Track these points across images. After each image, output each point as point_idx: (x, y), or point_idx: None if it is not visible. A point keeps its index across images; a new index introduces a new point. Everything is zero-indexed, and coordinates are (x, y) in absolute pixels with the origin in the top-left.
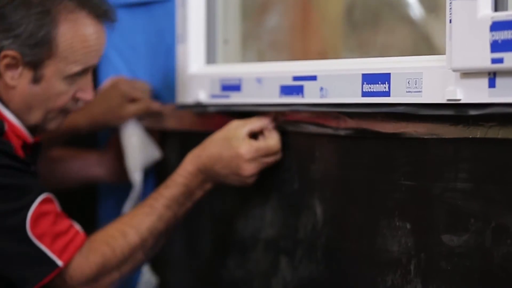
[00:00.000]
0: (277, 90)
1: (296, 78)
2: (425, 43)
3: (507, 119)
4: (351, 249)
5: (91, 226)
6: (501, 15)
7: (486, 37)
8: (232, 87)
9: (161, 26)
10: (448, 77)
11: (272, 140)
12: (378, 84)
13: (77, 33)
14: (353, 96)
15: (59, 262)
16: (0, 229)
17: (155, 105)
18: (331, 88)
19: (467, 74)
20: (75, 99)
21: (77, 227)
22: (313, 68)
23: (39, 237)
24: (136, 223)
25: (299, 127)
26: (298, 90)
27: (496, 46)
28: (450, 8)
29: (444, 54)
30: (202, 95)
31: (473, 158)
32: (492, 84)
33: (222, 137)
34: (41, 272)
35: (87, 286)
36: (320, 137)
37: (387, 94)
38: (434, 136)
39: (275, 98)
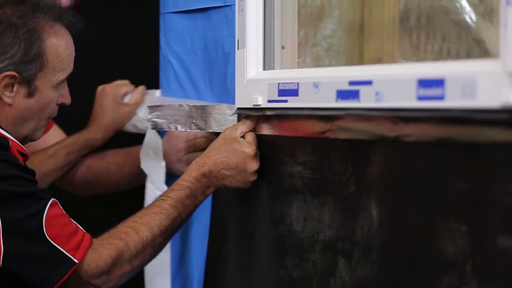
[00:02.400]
0: (333, 94)
1: (352, 83)
2: (479, 48)
3: None
4: (406, 250)
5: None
6: None
7: None
8: (289, 91)
9: (219, 32)
10: (503, 82)
11: (250, 136)
12: (433, 88)
13: (60, 44)
14: (408, 100)
15: (75, 260)
16: (19, 234)
17: (141, 88)
18: (386, 93)
19: None
20: (57, 105)
21: (81, 228)
22: (368, 73)
23: (54, 238)
24: (147, 221)
25: (355, 132)
26: (354, 95)
27: None
28: (505, 13)
29: (498, 58)
30: (260, 100)
31: None
32: None
33: (222, 143)
34: (61, 270)
35: (100, 278)
36: (375, 141)
37: (441, 98)
38: (489, 141)
39: (331, 102)
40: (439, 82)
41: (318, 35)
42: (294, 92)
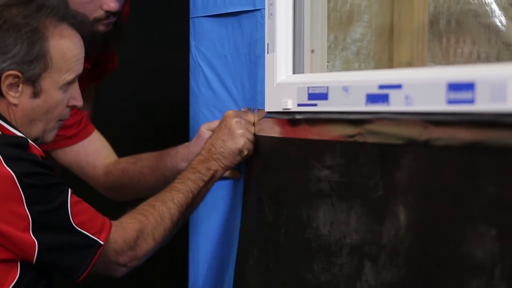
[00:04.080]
0: (363, 98)
1: (381, 87)
2: (509, 51)
3: None
4: (435, 254)
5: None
6: None
7: None
8: (319, 95)
9: (250, 36)
10: None
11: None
12: (463, 92)
13: (66, 44)
14: (437, 104)
15: (100, 241)
16: (49, 227)
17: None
18: (416, 96)
19: None
20: (68, 107)
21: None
22: (398, 77)
23: (80, 225)
24: (160, 198)
25: (384, 136)
26: (384, 98)
27: None
28: None
29: None
30: (290, 103)
31: None
32: None
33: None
34: (89, 253)
35: (127, 255)
36: (404, 145)
37: (471, 102)
38: None
39: (361, 106)
40: (469, 86)
41: (348, 39)
42: (323, 96)
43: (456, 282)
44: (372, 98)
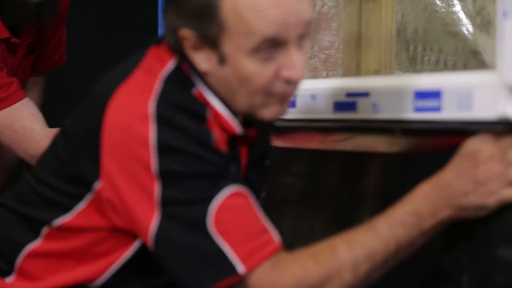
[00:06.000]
0: (331, 106)
1: (349, 95)
2: (475, 59)
3: None
4: (402, 261)
5: None
6: None
7: None
8: None
9: None
10: (499, 93)
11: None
12: (430, 100)
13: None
14: (405, 112)
15: (240, 268)
16: (178, 218)
17: None
18: (384, 104)
19: None
20: (282, 79)
21: (273, 233)
22: (366, 85)
23: (222, 234)
24: (348, 238)
25: (351, 143)
26: (352, 106)
27: None
28: (502, 25)
29: (495, 70)
30: None
31: None
32: None
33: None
34: (215, 274)
35: None
36: (372, 153)
37: (438, 110)
38: None
39: (329, 114)
40: (435, 94)
41: (315, 47)
42: (291, 104)
43: None
44: (340, 106)
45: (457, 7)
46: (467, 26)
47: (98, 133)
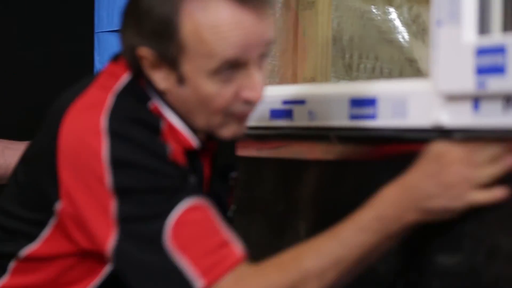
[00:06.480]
0: (267, 113)
1: (285, 102)
2: (411, 67)
3: (490, 143)
4: None
5: None
6: (485, 40)
7: (470, 62)
8: None
9: None
10: (433, 101)
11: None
12: (365, 108)
13: (205, 20)
14: (340, 119)
15: (200, 283)
16: (135, 235)
17: None
18: (319, 112)
19: (452, 98)
20: (241, 100)
21: (236, 245)
22: (302, 92)
23: (180, 249)
24: (313, 246)
25: (287, 151)
26: (288, 114)
27: (480, 71)
28: (435, 33)
29: (429, 78)
30: None
31: None
32: (476, 108)
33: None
34: None
35: None
36: (307, 160)
37: (373, 117)
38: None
39: (265, 121)
40: (371, 102)
41: None
42: None
43: None
44: (276, 114)
45: (393, 15)
46: (403, 34)
47: (54, 152)
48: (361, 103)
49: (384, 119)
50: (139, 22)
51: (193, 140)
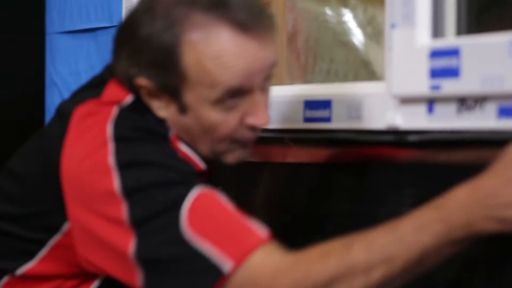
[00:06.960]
0: None
1: None
2: (366, 69)
3: (444, 145)
4: None
5: None
6: (439, 43)
7: (424, 64)
8: None
9: (106, 53)
10: (388, 104)
11: None
12: (320, 110)
13: (208, 50)
14: (295, 122)
15: (228, 265)
16: (152, 234)
17: None
18: (274, 114)
19: (406, 100)
20: (246, 126)
21: (259, 226)
22: None
23: (201, 234)
24: (367, 238)
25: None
26: None
27: (434, 73)
28: (390, 36)
29: (384, 80)
30: None
31: (414, 183)
32: (430, 111)
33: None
34: (201, 283)
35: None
36: (262, 162)
37: (328, 120)
38: (375, 162)
39: None
40: (325, 104)
41: None
42: None
43: None
44: None
45: (348, 17)
46: (357, 36)
47: (56, 174)
48: (316, 106)
49: (339, 121)
50: (137, 51)
51: (200, 163)
